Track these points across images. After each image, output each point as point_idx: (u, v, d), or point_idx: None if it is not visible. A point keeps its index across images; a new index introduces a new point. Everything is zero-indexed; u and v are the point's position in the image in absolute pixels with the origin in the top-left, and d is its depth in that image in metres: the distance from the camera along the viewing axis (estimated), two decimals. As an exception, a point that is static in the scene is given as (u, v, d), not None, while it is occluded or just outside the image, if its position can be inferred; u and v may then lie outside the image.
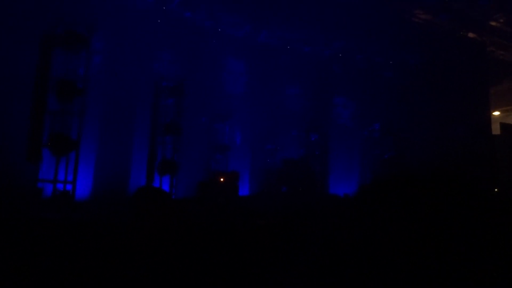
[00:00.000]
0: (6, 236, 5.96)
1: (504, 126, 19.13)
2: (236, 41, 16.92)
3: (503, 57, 19.95)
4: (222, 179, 14.00)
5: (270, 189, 16.20)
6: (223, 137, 16.71)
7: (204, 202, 12.44)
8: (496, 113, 22.19)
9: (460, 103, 17.84)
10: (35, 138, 11.65)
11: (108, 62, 13.81)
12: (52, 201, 11.47)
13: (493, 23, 17.63)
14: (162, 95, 14.72)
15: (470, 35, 18.40)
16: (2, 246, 5.44)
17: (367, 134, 19.51)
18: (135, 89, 14.18)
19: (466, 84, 17.85)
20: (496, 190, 16.69)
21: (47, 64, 12.07)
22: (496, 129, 19.15)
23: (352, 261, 2.77)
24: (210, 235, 7.63)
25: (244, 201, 13.96)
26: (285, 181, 16.21)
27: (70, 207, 11.38)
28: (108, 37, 13.87)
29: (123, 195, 13.58)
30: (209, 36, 16.20)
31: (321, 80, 18.43)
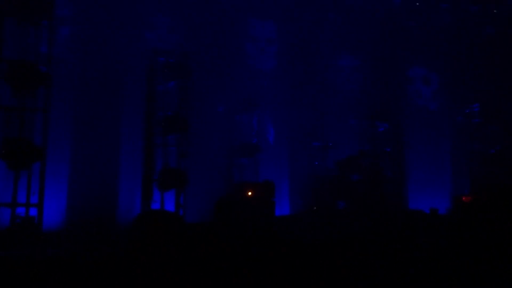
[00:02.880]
0: None
1: None
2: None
3: None
4: (250, 194, 13.92)
5: (320, 206, 16.05)
6: (250, 133, 16.67)
7: (225, 229, 12.36)
8: None
9: None
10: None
11: (80, 34, 13.93)
12: (10, 232, 11.59)
13: None
14: (160, 76, 14.71)
15: None
16: None
17: (462, 120, 19.09)
18: (120, 69, 14.25)
19: None
20: None
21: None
22: None
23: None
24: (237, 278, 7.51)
25: (283, 224, 13.85)
26: (342, 193, 16.02)
27: (36, 240, 11.47)
28: (79, -1, 14.03)
29: (109, 221, 13.69)
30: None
31: (389, 43, 18.09)
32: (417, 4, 18.34)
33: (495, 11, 18.80)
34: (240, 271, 7.95)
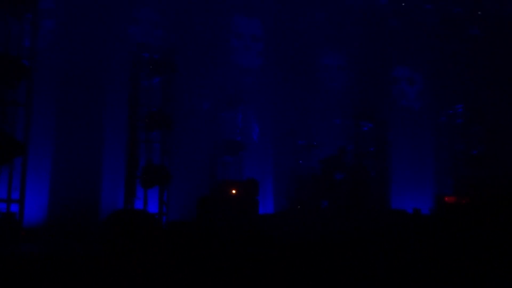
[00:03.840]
0: None
1: None
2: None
3: None
4: (234, 192, 13.88)
5: (304, 205, 16.04)
6: (234, 130, 16.64)
7: (207, 227, 12.34)
8: None
9: None
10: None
11: (64, 28, 13.79)
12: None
13: None
14: (144, 72, 14.61)
15: None
16: None
17: (446, 121, 19.17)
18: (104, 65, 14.15)
19: None
20: None
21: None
22: None
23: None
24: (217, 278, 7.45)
25: (267, 223, 13.82)
26: (326, 192, 16.02)
27: (17, 236, 11.36)
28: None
29: (91, 218, 13.60)
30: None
31: (374, 43, 18.13)
32: (403, 4, 18.38)
33: (479, 12, 18.90)
34: (222, 271, 7.88)
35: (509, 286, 7.93)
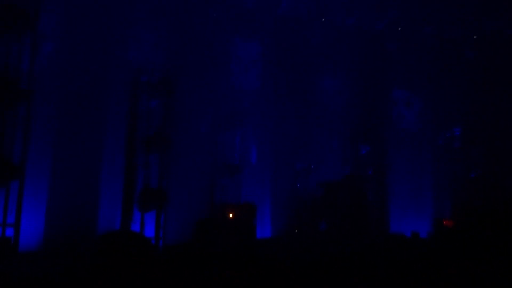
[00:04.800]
0: None
1: None
2: (246, 13, 16.77)
3: None
4: (231, 215, 13.79)
5: (302, 229, 15.96)
6: (232, 153, 16.53)
7: (205, 251, 12.20)
8: None
9: None
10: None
11: (62, 51, 13.73)
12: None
13: None
14: (143, 95, 14.61)
15: None
16: None
17: (443, 144, 19.15)
18: (103, 88, 14.07)
19: None
20: None
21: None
22: None
23: None
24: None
25: (264, 247, 13.71)
26: (324, 215, 15.94)
27: (12, 260, 11.21)
28: (62, 16, 13.83)
29: (88, 242, 13.40)
30: (207, 7, 16.06)
31: (372, 66, 18.15)
32: (399, 28, 18.43)
33: (474, 36, 18.96)
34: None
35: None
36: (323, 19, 17.72)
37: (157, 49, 15.32)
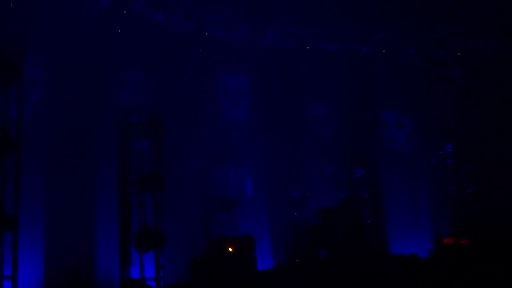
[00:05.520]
0: None
1: None
2: (231, 47, 16.86)
3: None
4: (230, 249, 13.58)
5: (303, 257, 15.79)
6: (227, 187, 16.48)
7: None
8: None
9: None
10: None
11: (50, 96, 13.63)
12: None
13: None
14: (133, 135, 14.49)
15: None
16: None
17: (436, 162, 19.11)
18: (92, 131, 13.93)
19: None
20: None
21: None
22: None
23: None
24: None
25: (266, 279, 13.51)
26: (323, 242, 15.79)
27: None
28: (49, 61, 13.75)
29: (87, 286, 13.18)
30: (193, 44, 16.12)
31: (360, 89, 18.23)
32: (384, 51, 18.52)
33: (458, 53, 19.07)
34: None
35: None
36: (308, 47, 17.81)
37: (145, 89, 15.30)
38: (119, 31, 14.72)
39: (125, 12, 14.94)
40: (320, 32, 17.50)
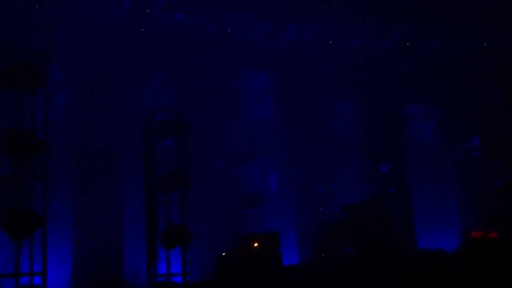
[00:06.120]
0: None
1: None
2: (253, 45, 16.89)
3: None
4: (255, 246, 13.56)
5: (329, 252, 15.69)
6: (252, 183, 16.55)
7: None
8: None
9: None
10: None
11: (76, 98, 13.90)
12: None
13: None
14: (157, 134, 14.55)
15: None
16: None
17: (464, 155, 18.90)
18: (117, 130, 14.15)
19: None
20: None
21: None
22: None
23: None
24: None
25: (293, 274, 13.47)
26: (350, 237, 15.68)
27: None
28: (74, 63, 14.01)
29: (116, 285, 13.35)
30: (214, 42, 16.21)
31: (383, 84, 18.10)
32: (407, 44, 18.34)
33: (484, 45, 18.80)
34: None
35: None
36: (330, 42, 17.72)
37: (169, 88, 15.45)
38: (142, 30, 14.91)
39: (147, 11, 15.12)
40: (341, 28, 17.40)
